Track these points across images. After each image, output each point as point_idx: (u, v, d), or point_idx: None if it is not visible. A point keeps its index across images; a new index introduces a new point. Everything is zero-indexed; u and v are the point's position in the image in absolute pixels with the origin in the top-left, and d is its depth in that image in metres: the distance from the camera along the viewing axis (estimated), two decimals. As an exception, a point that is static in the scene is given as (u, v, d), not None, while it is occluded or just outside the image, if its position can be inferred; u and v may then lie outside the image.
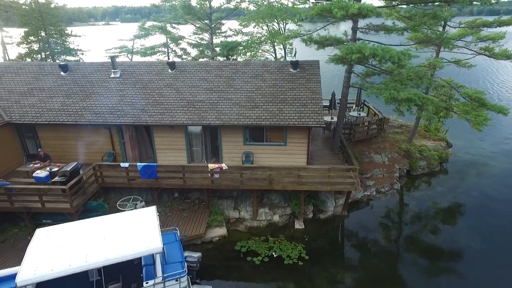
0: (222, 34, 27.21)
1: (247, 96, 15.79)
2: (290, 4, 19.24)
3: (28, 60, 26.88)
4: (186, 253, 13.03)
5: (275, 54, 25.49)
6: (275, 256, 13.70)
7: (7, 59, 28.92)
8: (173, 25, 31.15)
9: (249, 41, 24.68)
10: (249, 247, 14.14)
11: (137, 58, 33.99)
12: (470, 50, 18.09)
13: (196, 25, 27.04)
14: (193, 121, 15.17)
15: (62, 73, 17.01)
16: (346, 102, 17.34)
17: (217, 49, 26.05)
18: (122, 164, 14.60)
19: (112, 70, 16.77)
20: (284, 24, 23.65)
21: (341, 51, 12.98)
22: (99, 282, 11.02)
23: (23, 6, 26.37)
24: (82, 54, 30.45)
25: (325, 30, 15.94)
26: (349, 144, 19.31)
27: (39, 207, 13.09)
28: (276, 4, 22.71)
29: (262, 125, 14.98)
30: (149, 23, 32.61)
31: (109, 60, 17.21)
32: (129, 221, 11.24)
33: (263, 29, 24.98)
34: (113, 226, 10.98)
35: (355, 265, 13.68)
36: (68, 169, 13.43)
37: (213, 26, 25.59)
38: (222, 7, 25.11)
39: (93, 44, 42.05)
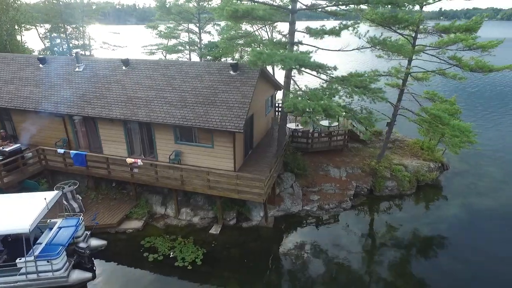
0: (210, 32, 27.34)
1: (181, 96, 15.93)
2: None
3: (48, 53, 30.76)
4: (92, 240, 13.89)
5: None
6: (171, 256, 13.71)
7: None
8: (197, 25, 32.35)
9: (223, 41, 24.09)
10: (153, 244, 14.36)
11: (170, 56, 36.15)
12: (439, 59, 15.48)
13: (183, 25, 27.80)
14: (126, 116, 15.87)
15: (40, 65, 19.18)
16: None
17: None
18: (58, 150, 16.01)
19: (76, 65, 18.38)
20: (271, 26, 22.81)
21: (249, 56, 12.37)
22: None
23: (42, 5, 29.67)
24: (95, 49, 33.52)
25: (267, 32, 15.21)
26: (299, 153, 18.14)
27: (-19, 180, 15.13)
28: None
29: (185, 125, 15.01)
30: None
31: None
32: (22, 202, 12.33)
33: (236, 31, 24.49)
34: (5, 204, 12.21)
35: (252, 280, 12.88)
36: (7, 150, 15.25)
37: (201, 26, 26.07)
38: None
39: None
